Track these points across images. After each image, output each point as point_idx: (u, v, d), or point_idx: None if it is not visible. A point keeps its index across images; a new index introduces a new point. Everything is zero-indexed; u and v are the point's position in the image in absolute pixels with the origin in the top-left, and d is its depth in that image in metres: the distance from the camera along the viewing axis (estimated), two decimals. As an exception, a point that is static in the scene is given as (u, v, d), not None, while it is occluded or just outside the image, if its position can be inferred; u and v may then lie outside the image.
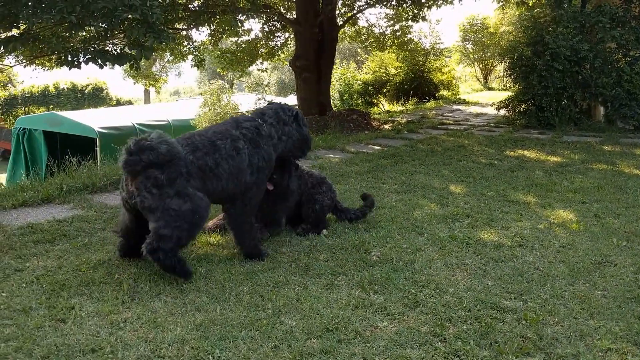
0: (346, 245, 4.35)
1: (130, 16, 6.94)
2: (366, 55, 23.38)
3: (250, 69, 20.08)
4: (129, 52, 8.21)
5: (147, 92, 43.15)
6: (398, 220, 5.06)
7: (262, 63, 17.74)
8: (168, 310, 3.20)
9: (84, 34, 9.05)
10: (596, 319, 3.19)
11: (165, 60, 20.14)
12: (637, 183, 6.53)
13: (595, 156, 8.31)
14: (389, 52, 19.51)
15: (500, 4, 15.90)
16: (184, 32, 13.83)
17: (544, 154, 8.55)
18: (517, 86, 12.35)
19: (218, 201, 4.07)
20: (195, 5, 12.21)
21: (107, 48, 8.88)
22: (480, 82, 29.63)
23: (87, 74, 38.49)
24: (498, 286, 3.63)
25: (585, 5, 11.85)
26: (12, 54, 9.44)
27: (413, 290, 3.52)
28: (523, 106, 12.06)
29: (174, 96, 58.02)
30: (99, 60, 7.98)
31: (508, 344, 2.88)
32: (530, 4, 14.92)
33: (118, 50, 8.57)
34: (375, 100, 20.88)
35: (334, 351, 2.79)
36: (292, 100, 22.71)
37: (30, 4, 6.74)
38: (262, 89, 34.27)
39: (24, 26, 7.95)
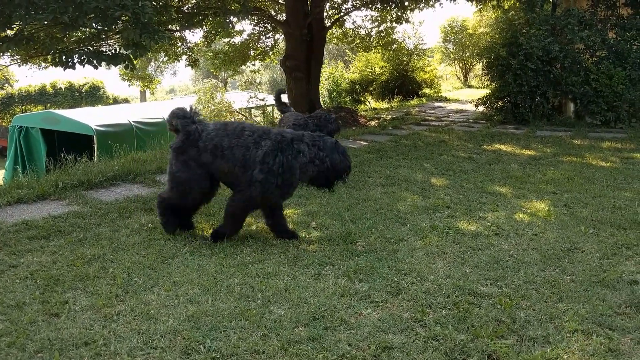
0: (333, 237, 4.33)
1: (123, 17, 6.81)
2: (353, 56, 23.33)
3: (243, 68, 19.97)
4: (124, 52, 8.08)
5: (143, 91, 42.76)
6: (382, 211, 5.04)
7: (253, 64, 17.63)
8: (161, 302, 3.15)
9: (79, 34, 8.88)
10: (565, 302, 3.21)
11: (160, 60, 19.90)
12: (604, 174, 6.58)
13: (566, 150, 8.36)
14: (374, 52, 19.46)
15: (479, 7, 15.91)
16: (178, 34, 13.69)
17: (519, 148, 8.58)
18: (494, 84, 12.39)
19: None
20: (188, 7, 12.08)
21: (102, 49, 8.74)
22: (461, 80, 29.73)
23: (85, 74, 38.03)
24: (475, 273, 3.63)
25: (556, 8, 11.95)
26: (7, 54, 9.26)
27: (396, 279, 3.51)
28: (500, 103, 12.10)
29: (170, 94, 57.62)
30: (94, 61, 7.84)
31: (484, 327, 2.87)
32: (506, 7, 14.93)
33: (113, 51, 8.43)
34: (362, 98, 20.89)
35: (320, 338, 2.77)
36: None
37: (23, 4, 6.57)
38: (254, 88, 34.11)
39: (17, 27, 7.78)
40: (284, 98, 6.99)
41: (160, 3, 9.33)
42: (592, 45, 11.05)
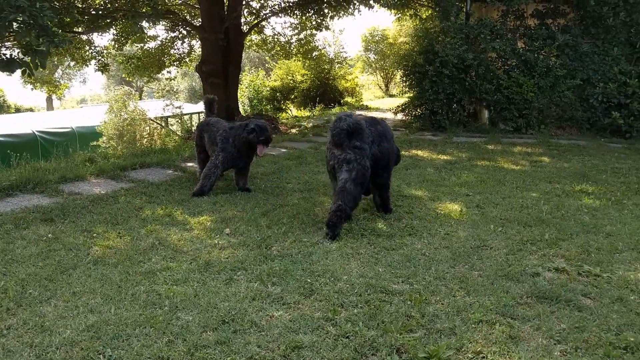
0: (248, 242, 4.34)
1: (19, 18, 6.46)
2: (274, 63, 23.46)
3: (159, 75, 19.54)
4: (22, 57, 7.64)
5: (49, 100, 40.66)
6: (300, 216, 5.11)
7: (169, 72, 17.31)
8: (58, 313, 3.03)
9: (-28, 37, 8.33)
10: (472, 295, 3.41)
11: (66, 65, 19.05)
12: (514, 177, 7.04)
13: (480, 154, 8.86)
14: (295, 60, 19.69)
15: (397, 15, 16.55)
16: (85, 37, 13.19)
17: (436, 153, 8.98)
18: (412, 91, 12.86)
19: None
20: (94, 8, 11.68)
21: (-3, 53, 8.22)
22: (382, 89, 30.61)
23: (-18, 81, 35.73)
24: (388, 272, 3.77)
25: (469, 18, 12.59)
26: None
27: (309, 280, 3.58)
28: (418, 110, 12.56)
29: (81, 104, 55.16)
30: (-14, 67, 7.34)
31: (394, 323, 3.00)
32: (424, 17, 15.63)
33: (9, 56, 7.95)
34: (284, 106, 21.02)
35: (229, 341, 2.78)
36: (201, 106, 22.24)
37: None
38: (171, 96, 33.44)
39: None
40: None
41: (61, 3, 8.96)
42: (504, 55, 11.77)
